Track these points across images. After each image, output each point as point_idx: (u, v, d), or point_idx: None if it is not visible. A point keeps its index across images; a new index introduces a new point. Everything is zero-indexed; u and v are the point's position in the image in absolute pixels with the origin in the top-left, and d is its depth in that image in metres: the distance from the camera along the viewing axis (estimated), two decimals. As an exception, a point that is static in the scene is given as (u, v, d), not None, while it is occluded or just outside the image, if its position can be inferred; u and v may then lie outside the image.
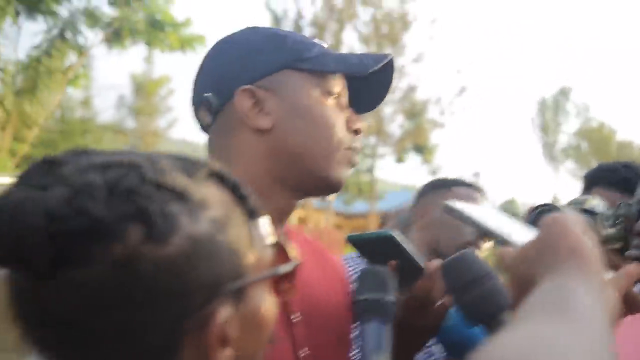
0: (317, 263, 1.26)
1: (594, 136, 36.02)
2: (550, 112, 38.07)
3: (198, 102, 1.19)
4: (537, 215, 1.46)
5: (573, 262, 0.69)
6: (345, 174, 1.17)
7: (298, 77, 1.14)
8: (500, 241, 0.79)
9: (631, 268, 0.76)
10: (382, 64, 1.17)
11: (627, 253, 1.28)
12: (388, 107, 27.19)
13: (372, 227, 27.13)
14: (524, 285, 0.72)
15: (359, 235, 1.23)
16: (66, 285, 0.60)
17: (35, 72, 13.86)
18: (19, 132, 14.40)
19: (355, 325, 1.12)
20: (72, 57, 14.89)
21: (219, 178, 0.71)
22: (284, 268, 0.76)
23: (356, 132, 1.18)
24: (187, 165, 0.69)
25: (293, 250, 0.79)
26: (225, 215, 0.67)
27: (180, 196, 0.64)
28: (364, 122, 1.19)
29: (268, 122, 1.13)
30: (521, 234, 0.78)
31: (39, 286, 0.61)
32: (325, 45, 1.20)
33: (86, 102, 24.18)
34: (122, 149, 0.71)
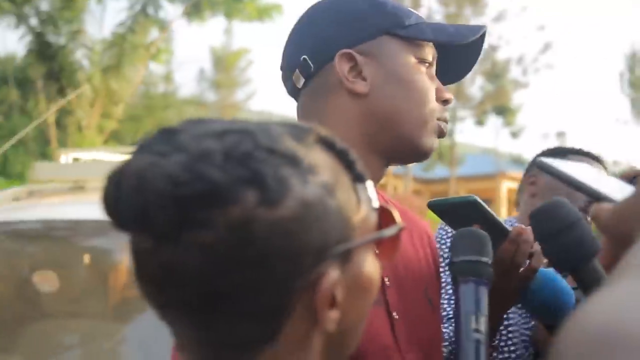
0: (406, 228, 1.27)
1: (689, 90, 34.14)
2: (641, 66, 36.25)
3: (291, 65, 1.20)
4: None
5: None
6: (435, 143, 1.18)
7: (396, 43, 1.16)
8: (596, 197, 0.77)
9: None
10: (478, 35, 1.18)
11: None
12: (468, 69, 26.56)
13: (451, 192, 26.84)
14: (620, 243, 0.69)
15: (441, 200, 1.22)
16: (188, 247, 0.63)
17: (120, 49, 14.30)
18: (106, 109, 14.94)
19: (450, 287, 1.10)
20: (154, 33, 15.28)
21: (327, 144, 0.72)
22: (389, 231, 0.77)
23: (445, 102, 1.20)
24: (297, 131, 0.70)
25: (397, 213, 0.79)
26: (334, 179, 0.69)
27: (292, 161, 0.66)
28: (450, 94, 1.20)
29: (365, 87, 1.14)
30: (619, 191, 0.76)
31: (163, 248, 0.64)
32: (420, 14, 1.21)
33: (168, 77, 24.83)
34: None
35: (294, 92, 1.23)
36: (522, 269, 1.18)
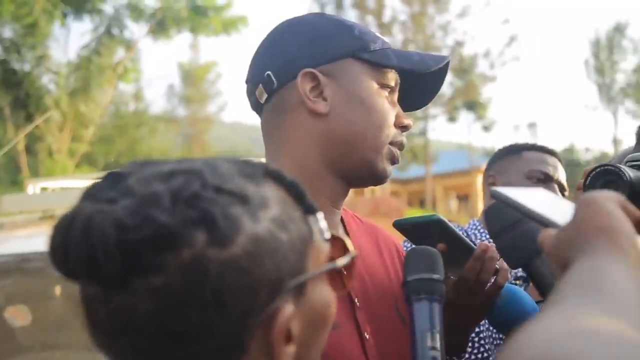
0: (374, 244, 1.28)
1: (654, 73, 34.66)
2: (605, 51, 36.76)
3: (256, 80, 1.21)
4: (593, 177, 1.42)
5: (603, 240, 0.68)
6: (389, 168, 1.19)
7: (360, 67, 1.17)
8: (544, 224, 0.78)
9: None
10: (442, 64, 1.20)
11: None
12: (436, 67, 26.69)
13: (428, 190, 26.91)
14: (561, 268, 0.71)
15: (405, 219, 1.23)
16: (138, 292, 0.62)
17: (86, 71, 14.18)
18: (76, 132, 14.80)
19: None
20: (120, 53, 15.18)
21: (276, 178, 0.73)
22: (342, 261, 0.77)
23: (404, 128, 1.21)
24: (245, 167, 0.71)
25: (349, 242, 0.80)
26: (284, 213, 0.69)
27: (241, 198, 0.66)
28: (410, 120, 1.21)
29: (325, 107, 1.15)
30: (566, 216, 0.77)
31: (112, 295, 0.63)
32: (387, 41, 1.22)
33: (137, 95, 24.67)
34: (175, 138, 0.72)
35: (257, 106, 1.24)
36: (487, 286, 1.18)
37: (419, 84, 1.24)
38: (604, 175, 1.38)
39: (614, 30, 36.86)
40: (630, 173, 1.35)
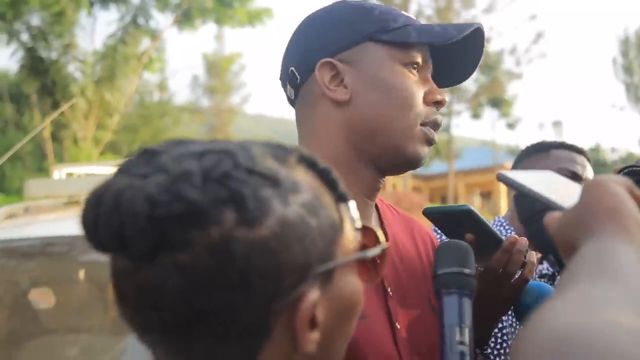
0: (409, 235, 1.27)
1: (683, 72, 34.11)
2: (634, 50, 36.23)
3: (284, 78, 1.21)
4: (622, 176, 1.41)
5: (611, 223, 0.67)
6: (423, 150, 1.15)
7: (379, 49, 1.14)
8: (549, 207, 0.78)
9: None
10: (466, 33, 1.14)
11: None
12: (461, 63, 26.54)
13: (450, 187, 26.78)
14: (567, 250, 0.70)
15: (436, 207, 1.22)
16: (166, 268, 0.63)
17: (112, 60, 14.31)
18: (101, 120, 14.95)
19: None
20: (145, 43, 15.29)
21: (309, 163, 0.73)
22: (372, 252, 0.76)
23: (438, 104, 1.16)
24: (278, 151, 0.71)
25: (381, 234, 0.79)
26: (315, 199, 0.69)
27: (272, 181, 0.66)
28: (445, 94, 1.17)
29: (346, 94, 1.13)
30: (573, 199, 0.75)
31: (141, 269, 0.64)
32: (412, 17, 1.19)
33: (162, 85, 24.82)
34: (199, 128, 0.72)
35: (290, 102, 1.24)
36: (514, 279, 1.17)
37: (454, 56, 1.19)
38: (631, 176, 1.38)
39: (643, 28, 36.26)
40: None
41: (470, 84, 26.96)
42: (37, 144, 14.77)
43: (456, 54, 1.19)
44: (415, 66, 1.15)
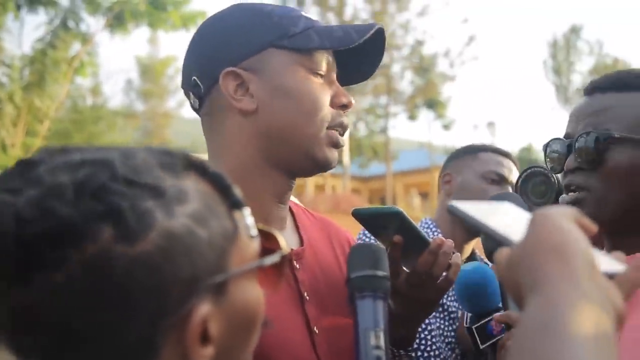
0: (326, 239, 1.26)
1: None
2: (562, 52, 37.51)
3: (186, 86, 1.19)
4: (524, 178, 1.45)
5: (556, 265, 0.61)
6: (332, 154, 1.16)
7: (282, 55, 1.13)
8: (500, 242, 0.73)
9: None
10: (367, 36, 1.15)
11: (560, 198, 1.23)
12: (396, 65, 27.00)
13: (389, 188, 27.16)
14: (513, 292, 0.66)
15: (365, 209, 1.22)
16: (40, 289, 0.59)
17: (41, 65, 13.88)
18: (30, 126, 14.49)
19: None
20: (76, 46, 14.89)
21: (199, 170, 0.70)
22: (270, 259, 0.73)
23: (344, 107, 1.17)
24: (165, 158, 0.67)
25: (282, 238, 0.77)
26: (205, 208, 0.66)
27: (155, 191, 0.63)
28: (350, 97, 1.18)
29: (252, 104, 1.13)
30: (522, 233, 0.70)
31: (13, 291, 0.60)
32: (312, 17, 1.19)
33: (95, 90, 24.27)
34: (134, 133, 0.69)
35: (195, 110, 1.21)
36: (439, 280, 1.18)
37: (357, 56, 1.19)
38: (533, 176, 1.43)
39: (570, 31, 37.63)
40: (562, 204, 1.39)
41: (406, 86, 27.39)
42: (-38, 152, 14.23)
43: (360, 53, 1.19)
44: (320, 70, 1.15)
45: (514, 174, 2.19)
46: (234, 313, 0.68)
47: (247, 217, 0.72)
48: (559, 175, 1.38)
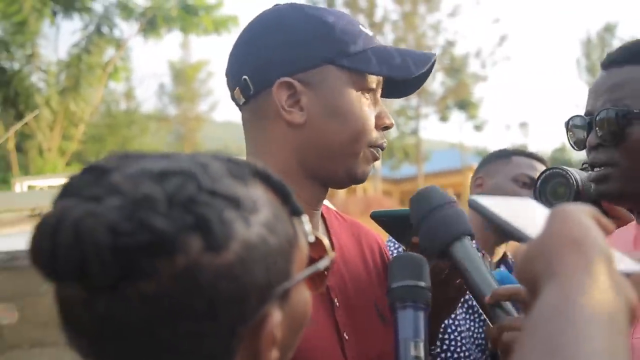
0: (356, 242, 1.27)
1: (644, 72, 34.77)
2: (597, 51, 36.85)
3: (233, 81, 1.19)
4: (543, 180, 1.44)
5: (573, 257, 0.62)
6: (369, 169, 1.19)
7: (339, 74, 1.14)
8: (518, 237, 0.74)
9: None
10: (425, 69, 1.17)
11: (587, 175, 1.24)
12: (427, 66, 26.75)
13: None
14: (529, 285, 0.66)
15: (384, 211, 1.23)
16: (128, 298, 0.61)
17: (76, 70, 14.10)
18: (66, 131, 14.72)
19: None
20: (110, 51, 15.11)
21: (263, 177, 0.71)
22: (323, 263, 0.75)
23: (385, 128, 1.19)
24: (234, 167, 0.69)
25: (328, 243, 0.79)
26: (274, 216, 0.68)
27: (234, 202, 0.65)
28: (392, 118, 1.20)
29: (302, 118, 1.14)
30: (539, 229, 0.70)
31: (98, 299, 0.61)
32: (370, 34, 1.19)
33: (128, 94, 24.58)
34: (166, 136, 0.70)
35: (236, 104, 1.22)
36: (458, 280, 1.18)
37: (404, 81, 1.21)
38: (552, 177, 1.42)
39: (604, 30, 36.97)
40: (577, 175, 1.39)
41: (437, 87, 27.19)
42: (1, 156, 14.51)
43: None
44: (370, 91, 1.17)
45: None
46: (293, 317, 0.70)
47: (305, 224, 0.74)
48: (583, 175, 1.37)
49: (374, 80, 1.16)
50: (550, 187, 1.43)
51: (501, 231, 0.77)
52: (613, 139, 1.18)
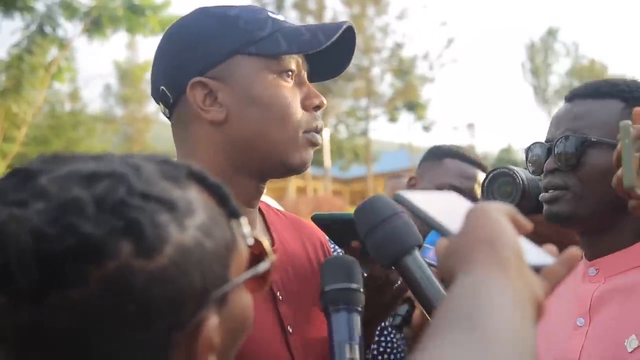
0: (298, 239, 1.26)
1: (585, 74, 35.87)
2: (540, 54, 37.90)
3: (155, 95, 1.18)
4: (490, 179, 1.47)
5: (487, 253, 0.65)
6: (308, 155, 1.15)
7: (250, 62, 1.12)
8: (441, 232, 0.76)
9: (570, 253, 0.71)
10: (335, 38, 1.13)
11: (540, 196, 1.29)
12: (376, 68, 27.09)
13: (370, 189, 27.24)
14: (448, 279, 0.69)
15: (326, 214, 1.22)
16: (56, 306, 0.58)
17: (18, 70, 13.73)
18: (7, 132, 14.34)
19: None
20: (53, 52, 14.76)
21: (200, 179, 0.69)
22: (263, 266, 0.74)
23: (316, 108, 1.16)
24: (169, 168, 0.67)
25: (267, 244, 0.77)
26: (210, 220, 0.66)
27: (168, 205, 0.63)
28: (322, 97, 1.17)
29: (222, 114, 1.11)
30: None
31: (23, 307, 0.59)
32: (280, 18, 1.17)
33: (74, 95, 24.08)
34: (114, 138, 0.67)
35: (168, 118, 1.20)
36: (395, 285, 1.19)
37: (328, 53, 1.17)
38: (499, 177, 1.45)
39: (547, 34, 38.02)
40: (522, 174, 1.42)
41: (386, 89, 27.49)
42: (-61, 159, 14.03)
43: (331, 50, 1.17)
44: (290, 73, 1.14)
45: (474, 184, 2.09)
46: (232, 321, 0.68)
47: (244, 227, 0.72)
48: (529, 175, 1.41)
49: (291, 62, 1.14)
50: (497, 186, 1.45)
51: (426, 225, 0.77)
52: (569, 165, 1.25)
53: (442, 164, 2.14)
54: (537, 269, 0.69)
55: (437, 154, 2.20)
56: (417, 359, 0.55)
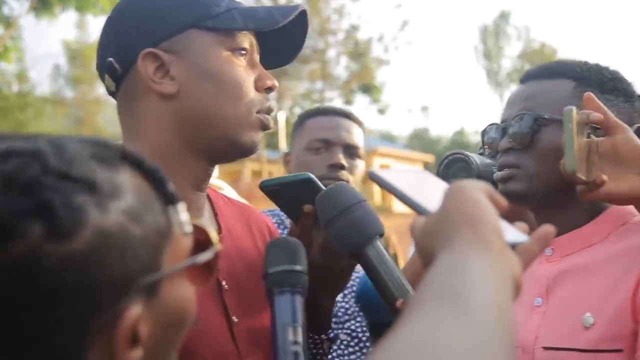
0: (245, 225, 1.24)
1: (537, 57, 36.53)
2: (492, 37, 38.40)
3: (102, 69, 1.14)
4: (445, 164, 1.49)
5: (467, 231, 0.66)
6: (258, 137, 1.13)
7: (204, 37, 1.10)
8: (416, 210, 0.75)
9: (544, 230, 0.72)
10: (291, 17, 1.12)
11: (495, 175, 1.31)
12: (332, 50, 27.07)
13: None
14: (427, 258, 0.69)
15: (273, 179, 1.18)
16: None
17: (-39, 50, 13.31)
18: (-47, 114, 13.91)
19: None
20: (-1, 30, 14.31)
21: (135, 162, 0.66)
22: (204, 256, 0.70)
23: (268, 89, 1.15)
24: (99, 150, 0.64)
25: (214, 233, 0.74)
26: (140, 204, 0.63)
27: (88, 186, 0.59)
28: (274, 79, 1.15)
29: (173, 87, 1.08)
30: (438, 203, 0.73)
31: None
32: None
33: (21, 76, 23.43)
34: (63, 120, 0.64)
35: (111, 94, 1.16)
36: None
37: (280, 38, 1.17)
38: (454, 162, 1.47)
39: (499, 17, 38.53)
40: (477, 160, 1.44)
41: (341, 72, 27.50)
42: None
43: (283, 36, 1.16)
44: (243, 51, 1.12)
45: (345, 134, 2.00)
46: (165, 313, 0.65)
47: (181, 213, 0.69)
48: (483, 160, 1.43)
49: (244, 40, 1.12)
50: (452, 171, 1.46)
51: (401, 203, 0.77)
52: (523, 143, 1.26)
53: (304, 127, 2.06)
54: (512, 247, 0.70)
55: (299, 121, 2.12)
56: (399, 333, 0.55)
